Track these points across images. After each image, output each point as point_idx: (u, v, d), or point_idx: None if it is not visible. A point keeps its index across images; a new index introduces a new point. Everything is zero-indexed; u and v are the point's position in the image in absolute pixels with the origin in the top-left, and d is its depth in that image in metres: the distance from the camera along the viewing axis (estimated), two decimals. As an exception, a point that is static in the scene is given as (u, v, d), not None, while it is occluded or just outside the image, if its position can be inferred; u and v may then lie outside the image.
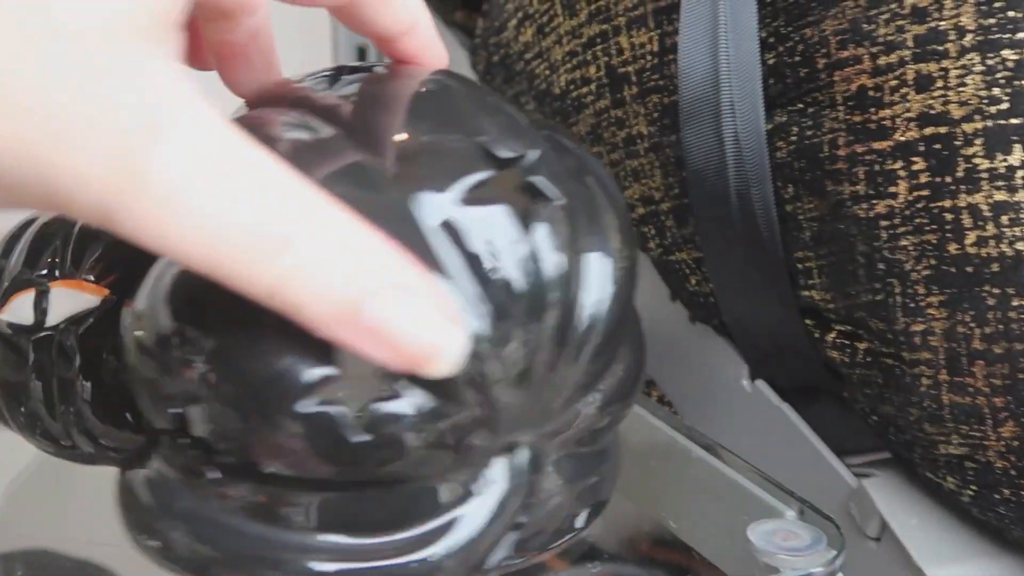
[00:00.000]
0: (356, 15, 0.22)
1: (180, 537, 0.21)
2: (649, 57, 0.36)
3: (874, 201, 0.30)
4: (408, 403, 0.19)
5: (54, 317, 0.25)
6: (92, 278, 0.24)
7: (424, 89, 0.23)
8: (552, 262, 0.20)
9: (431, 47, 0.24)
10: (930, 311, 0.30)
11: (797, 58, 0.32)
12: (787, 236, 0.34)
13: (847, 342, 0.33)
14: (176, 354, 0.20)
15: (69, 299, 0.25)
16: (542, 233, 0.20)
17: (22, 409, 0.26)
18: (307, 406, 0.19)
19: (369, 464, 0.20)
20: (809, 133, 0.32)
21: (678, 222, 0.38)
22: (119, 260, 0.25)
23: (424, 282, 0.17)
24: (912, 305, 0.30)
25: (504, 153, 0.20)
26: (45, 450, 0.27)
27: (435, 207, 0.19)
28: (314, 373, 0.19)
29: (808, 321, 0.34)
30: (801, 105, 0.32)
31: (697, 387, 0.42)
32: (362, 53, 0.70)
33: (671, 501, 0.36)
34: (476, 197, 0.20)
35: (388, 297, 0.17)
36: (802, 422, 0.37)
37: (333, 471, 0.20)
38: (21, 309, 0.25)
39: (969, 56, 0.28)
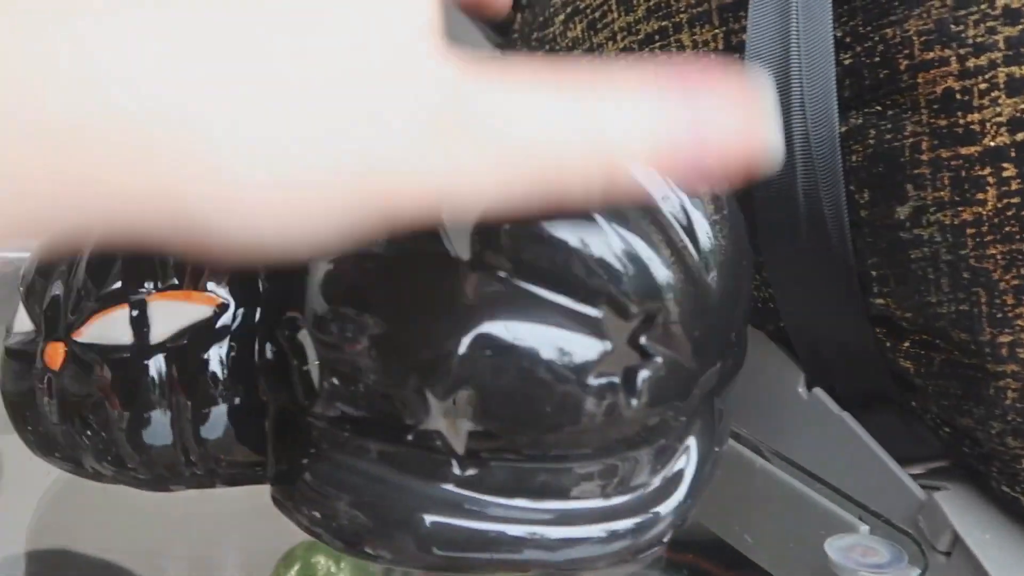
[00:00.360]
0: None
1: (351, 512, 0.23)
2: (713, 56, 0.35)
3: (960, 208, 0.29)
4: (659, 364, 0.21)
5: (158, 333, 0.23)
6: (203, 287, 0.23)
7: None
8: (739, 232, 0.24)
9: None
10: (1019, 322, 0.29)
11: (876, 59, 0.31)
12: (859, 242, 0.33)
13: (922, 352, 0.32)
14: (457, 350, 0.20)
15: (166, 314, 0.23)
16: (727, 208, 0.24)
17: (88, 432, 0.24)
18: (593, 380, 0.20)
19: (632, 425, 0.22)
20: (888, 136, 0.31)
21: (737, 225, 0.37)
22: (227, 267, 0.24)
23: (723, 83, 0.17)
24: (999, 316, 0.29)
25: None
26: (101, 473, 0.26)
27: (660, 190, 0.22)
28: (594, 348, 0.20)
29: (878, 329, 0.34)
30: (879, 107, 0.31)
31: (749, 395, 0.41)
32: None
33: (740, 513, 0.35)
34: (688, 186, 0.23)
35: (698, 109, 0.17)
36: (864, 432, 0.36)
37: (588, 437, 0.22)
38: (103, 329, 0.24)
39: (1066, 59, 0.28)
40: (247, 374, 0.24)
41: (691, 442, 0.26)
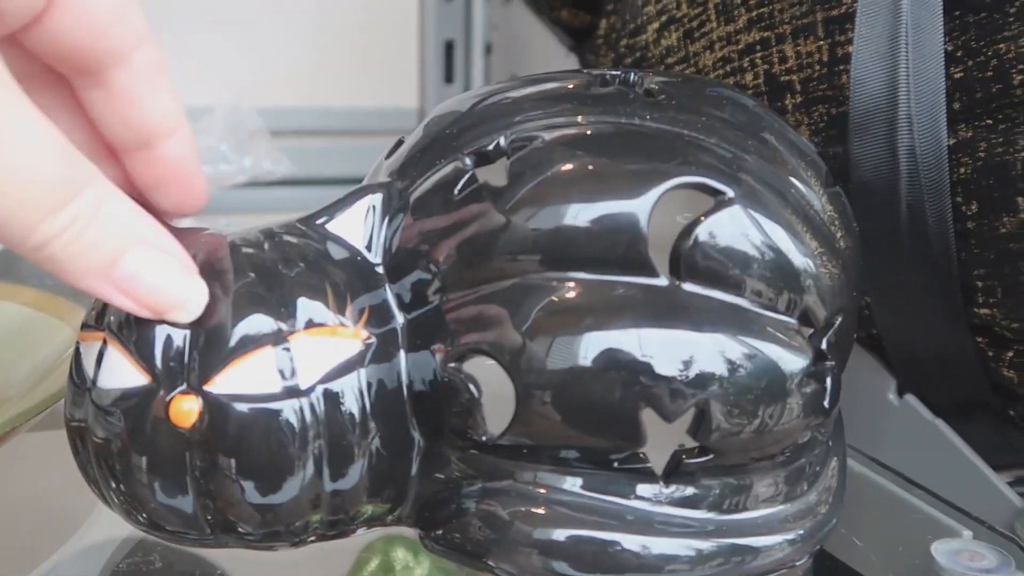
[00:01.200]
0: (118, 96, 0.21)
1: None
2: (817, 67, 0.36)
3: (1074, 221, 0.30)
4: (834, 367, 0.22)
5: (307, 377, 0.21)
6: (348, 322, 0.21)
7: (743, 100, 0.24)
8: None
9: (195, 164, 0.22)
10: None
11: (989, 73, 0.32)
12: (964, 253, 0.33)
13: (1027, 362, 0.33)
14: (686, 370, 0.21)
15: (313, 355, 0.21)
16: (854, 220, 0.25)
17: (198, 496, 0.22)
18: (800, 387, 0.21)
19: (792, 435, 0.22)
20: (1000, 150, 0.31)
21: (833, 233, 0.38)
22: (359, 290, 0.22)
23: (169, 240, 0.20)
24: (1113, 328, 0.30)
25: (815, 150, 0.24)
26: (200, 539, 0.23)
27: (813, 197, 0.23)
28: (800, 356, 0.21)
29: (979, 339, 0.34)
30: (990, 121, 0.32)
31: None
32: (449, 48, 0.69)
33: (844, 517, 0.35)
34: (831, 191, 0.24)
35: (139, 252, 0.19)
36: (958, 439, 0.36)
37: (776, 447, 0.22)
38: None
39: None
40: (389, 412, 0.22)
41: (835, 463, 0.26)
